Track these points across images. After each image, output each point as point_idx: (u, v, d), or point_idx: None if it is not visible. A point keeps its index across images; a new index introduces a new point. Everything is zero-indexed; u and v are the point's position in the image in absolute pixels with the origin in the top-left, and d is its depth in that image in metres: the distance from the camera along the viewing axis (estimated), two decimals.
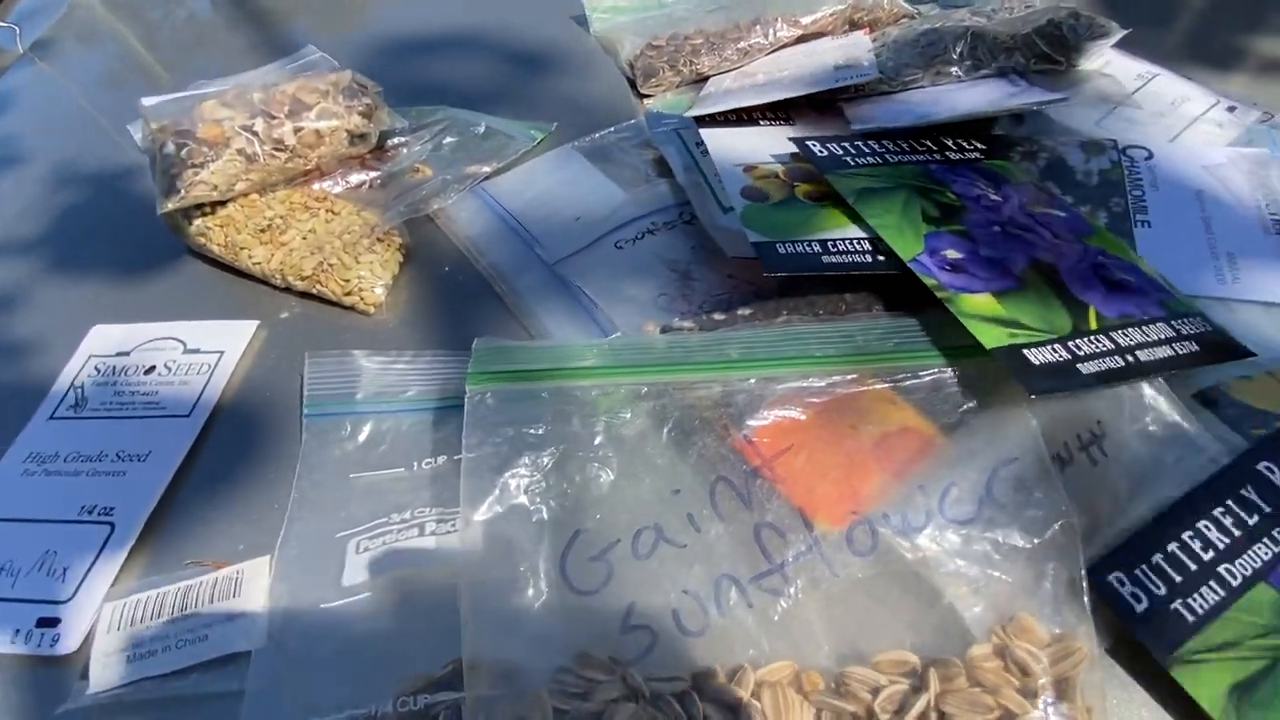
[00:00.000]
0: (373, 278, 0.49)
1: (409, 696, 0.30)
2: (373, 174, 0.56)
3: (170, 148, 0.52)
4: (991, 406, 0.34)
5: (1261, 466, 0.32)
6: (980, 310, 0.36)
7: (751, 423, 0.34)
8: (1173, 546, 0.31)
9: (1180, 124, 0.51)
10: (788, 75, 0.54)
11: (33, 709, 0.34)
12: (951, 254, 0.39)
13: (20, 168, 0.67)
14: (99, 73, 0.80)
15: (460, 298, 0.49)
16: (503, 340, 0.39)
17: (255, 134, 0.52)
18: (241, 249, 0.51)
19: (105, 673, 0.34)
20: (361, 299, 0.48)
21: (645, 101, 0.62)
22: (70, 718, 0.33)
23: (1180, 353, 0.36)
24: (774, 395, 0.35)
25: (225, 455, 0.43)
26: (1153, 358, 0.35)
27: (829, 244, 0.39)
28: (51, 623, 0.36)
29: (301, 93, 0.55)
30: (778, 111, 0.53)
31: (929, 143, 0.48)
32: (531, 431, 0.34)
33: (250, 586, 0.36)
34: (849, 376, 0.35)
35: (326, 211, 0.53)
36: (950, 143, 0.48)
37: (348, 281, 0.48)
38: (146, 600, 0.36)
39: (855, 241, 0.40)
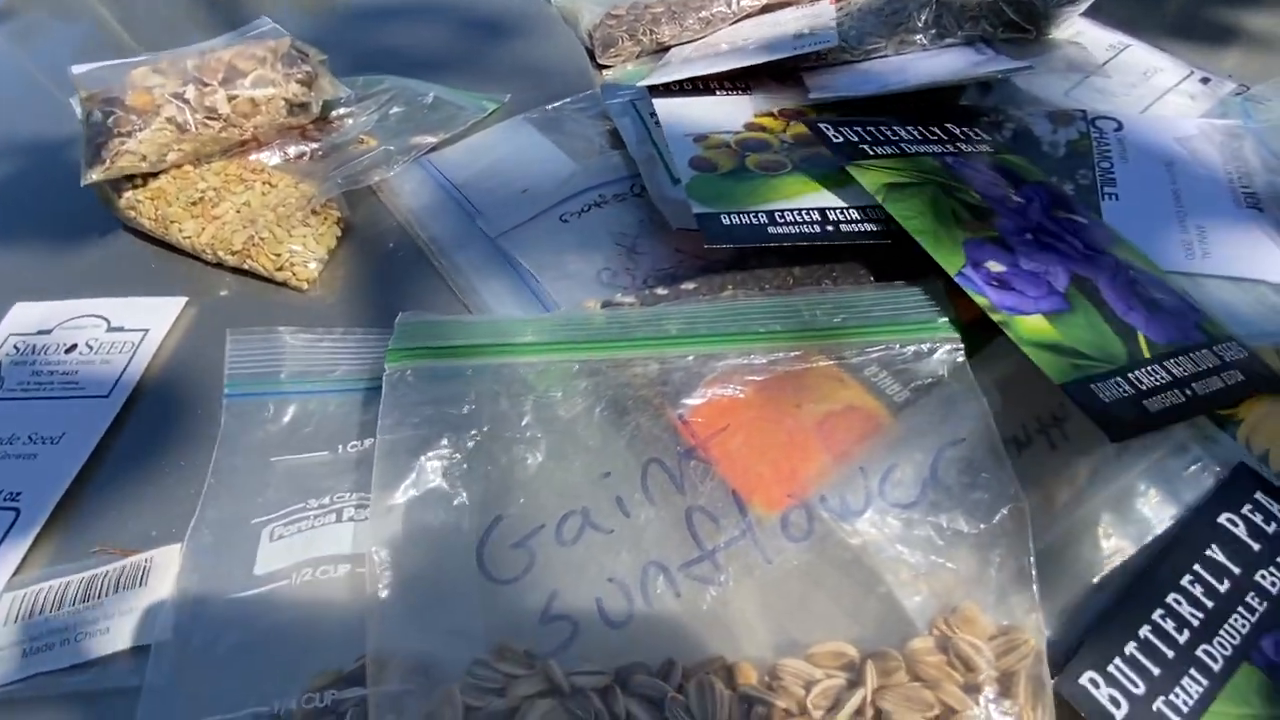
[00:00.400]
0: (306, 252, 0.46)
1: (315, 693, 0.28)
2: (314, 145, 0.54)
3: (98, 116, 0.50)
4: (941, 385, 0.32)
5: (1223, 519, 0.30)
6: (1037, 335, 0.33)
7: (688, 401, 0.32)
8: (1145, 631, 0.28)
9: (1152, 95, 0.49)
10: (747, 44, 0.51)
11: None
12: (994, 266, 0.36)
13: None
14: (69, 49, 0.77)
15: (400, 273, 0.47)
16: (429, 315, 0.36)
17: (186, 102, 0.50)
18: (172, 223, 0.48)
19: (1, 667, 0.32)
20: (294, 274, 0.46)
21: (604, 72, 0.60)
22: None
23: (1229, 384, 0.33)
24: (713, 373, 0.33)
25: (144, 437, 0.40)
26: (1207, 390, 0.32)
27: (776, 215, 0.37)
28: None
29: (238, 60, 0.53)
30: (736, 81, 0.50)
31: (938, 130, 0.44)
32: (453, 411, 0.32)
33: (158, 576, 0.34)
34: (793, 353, 0.33)
35: (263, 184, 0.51)
36: (958, 130, 0.45)
37: (279, 256, 0.46)
38: (48, 590, 0.34)
39: (803, 212, 0.38)
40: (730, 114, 0.47)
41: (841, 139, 0.41)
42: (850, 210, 0.38)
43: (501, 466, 0.31)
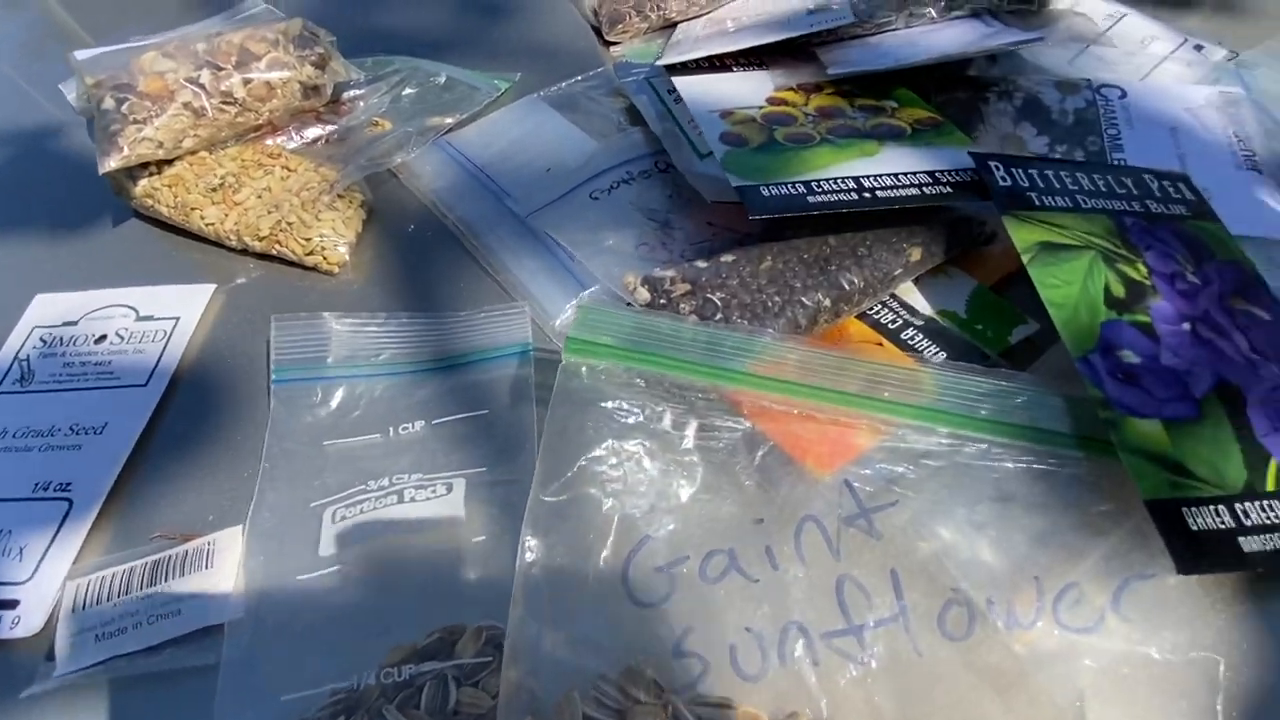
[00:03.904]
0: (335, 236, 0.46)
1: (393, 668, 0.29)
2: (329, 128, 0.54)
3: (109, 103, 0.49)
4: (1121, 506, 0.30)
5: None
6: (1145, 443, 0.31)
7: (858, 468, 0.31)
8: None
9: (1150, 63, 0.51)
10: (759, 20, 0.52)
11: None
12: (1128, 356, 0.33)
13: None
14: (17, 39, 0.75)
15: (428, 255, 0.47)
16: (606, 305, 0.36)
17: (201, 87, 0.49)
18: (193, 210, 0.48)
19: (73, 653, 0.32)
20: (324, 259, 0.46)
21: (612, 49, 0.60)
22: (37, 700, 0.31)
23: None
24: (893, 444, 0.32)
25: (188, 425, 0.41)
26: None
27: (813, 184, 0.38)
28: (10, 605, 0.34)
29: (249, 42, 0.52)
30: (751, 57, 0.51)
31: (1130, 182, 0.40)
32: (620, 419, 0.32)
33: (222, 558, 0.34)
34: (983, 444, 0.32)
35: (281, 168, 0.50)
36: (1155, 186, 0.41)
37: (309, 241, 0.46)
38: (112, 577, 0.34)
39: (840, 180, 0.39)
40: (751, 90, 0.47)
41: (1009, 183, 0.38)
42: (884, 177, 0.39)
43: (657, 486, 0.31)
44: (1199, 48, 0.53)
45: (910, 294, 0.40)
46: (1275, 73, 0.52)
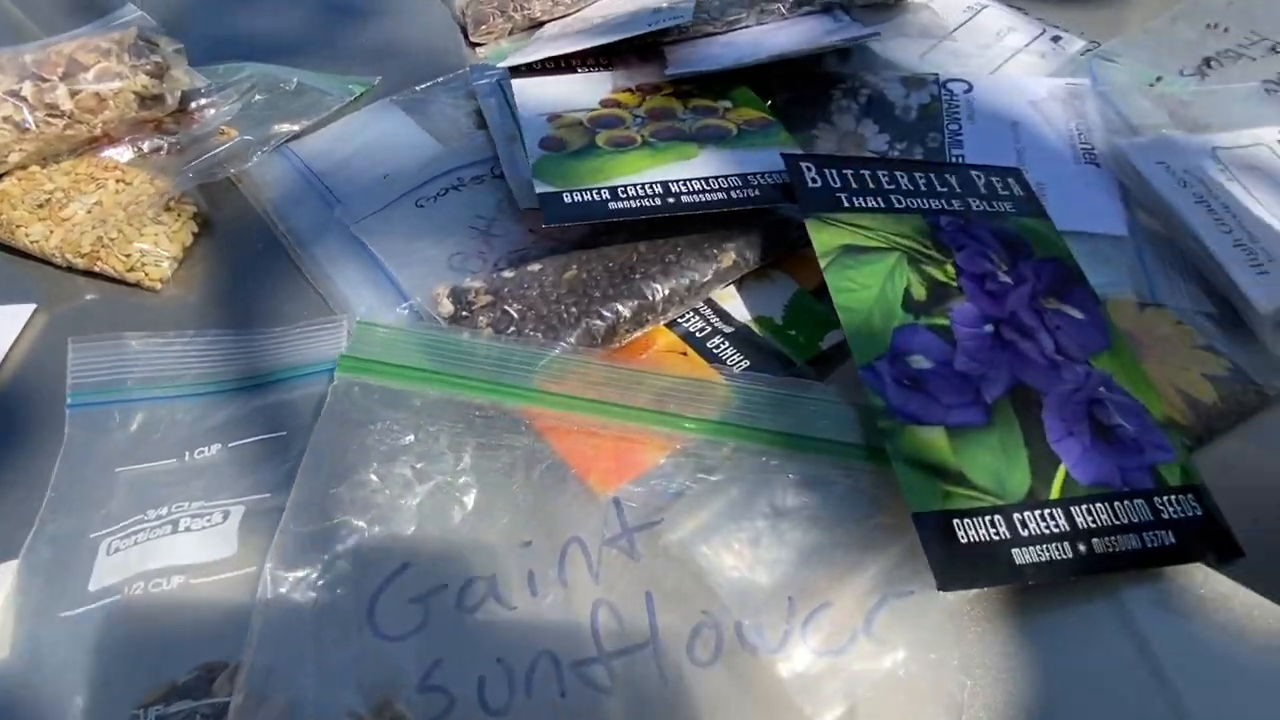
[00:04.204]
0: (158, 251, 0.45)
1: (141, 710, 0.28)
2: (170, 139, 0.52)
3: None
4: (901, 520, 0.29)
5: None
6: (923, 452, 0.30)
7: (630, 485, 0.30)
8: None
9: (1003, 55, 0.50)
10: (608, 21, 0.51)
11: None
12: (919, 361, 0.32)
13: None
14: None
15: (258, 268, 0.46)
16: (384, 323, 0.35)
17: (24, 99, 0.48)
18: (17, 227, 0.46)
19: None
20: (146, 275, 0.45)
21: (477, 50, 0.59)
22: None
23: (1150, 546, 0.30)
24: (677, 460, 0.31)
25: None
26: (1110, 549, 0.29)
27: (618, 190, 0.37)
28: None
29: (80, 53, 0.50)
30: (599, 58, 0.50)
31: (954, 180, 0.39)
32: (390, 441, 0.31)
33: None
34: (761, 459, 0.31)
35: (117, 182, 0.49)
36: (982, 183, 0.40)
37: (129, 257, 0.45)
38: None
39: (646, 186, 0.38)
40: (589, 91, 0.46)
41: (819, 184, 0.37)
42: (694, 182, 0.38)
43: (424, 511, 0.30)
44: (1056, 39, 0.52)
45: (729, 300, 0.39)
46: (1131, 63, 0.51)
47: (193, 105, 0.55)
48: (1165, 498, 0.31)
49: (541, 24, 0.59)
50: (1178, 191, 0.42)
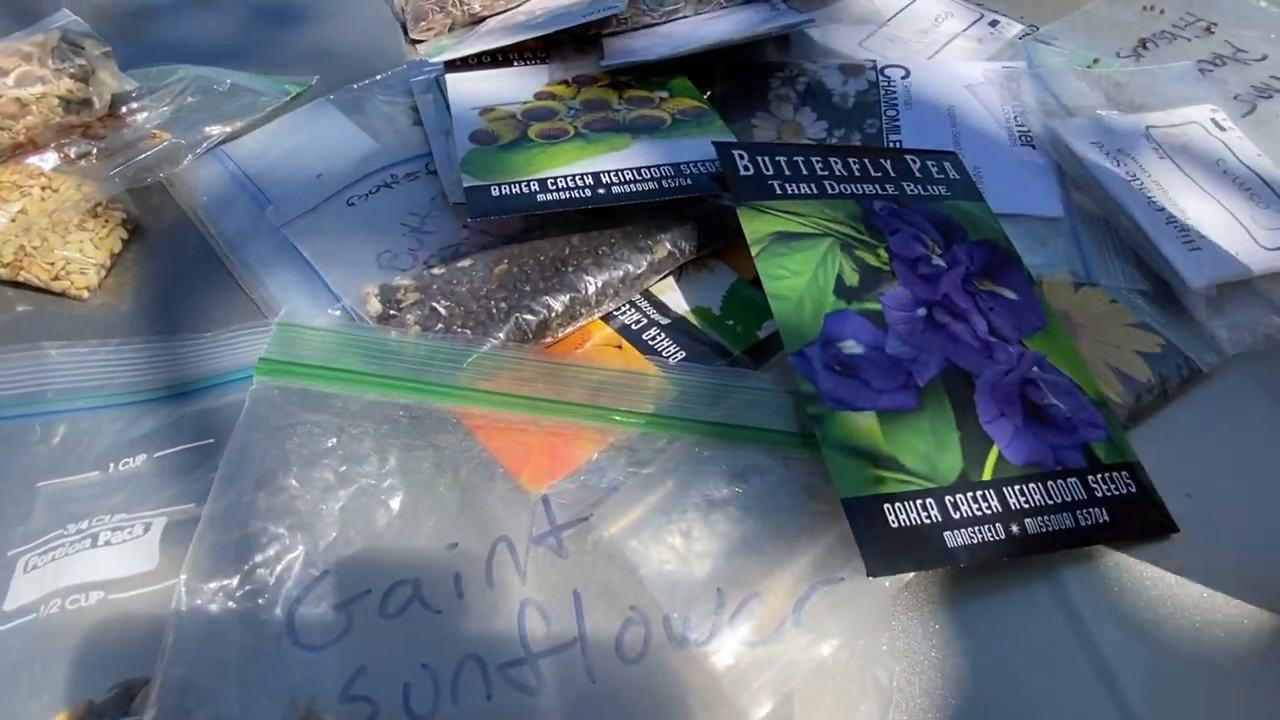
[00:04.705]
0: (83, 258, 0.44)
1: None
2: (99, 144, 0.50)
3: None
4: (837, 507, 0.28)
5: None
6: (853, 437, 0.30)
7: (560, 482, 0.30)
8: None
9: (940, 41, 0.50)
10: (545, 13, 0.50)
11: None
12: (849, 347, 0.32)
13: None
14: None
15: (189, 273, 0.44)
16: (305, 323, 0.34)
17: None
18: None
19: None
20: (72, 284, 0.43)
21: (418, 47, 0.58)
22: None
23: (1084, 524, 0.30)
24: (611, 454, 0.31)
25: None
26: (1044, 529, 0.29)
27: (547, 182, 0.37)
28: None
29: None
30: (536, 51, 0.49)
31: (888, 164, 0.39)
32: (311, 445, 0.30)
33: None
34: (695, 449, 0.31)
35: (42, 189, 0.47)
36: (917, 167, 0.40)
37: (53, 265, 0.43)
38: None
39: (576, 177, 0.37)
40: (523, 84, 0.46)
41: (751, 171, 0.37)
42: (625, 172, 0.38)
43: (346, 515, 0.29)
44: (994, 23, 0.52)
45: (667, 292, 0.39)
46: (1069, 45, 0.52)
47: (123, 109, 0.53)
48: (1098, 475, 0.31)
49: (482, 19, 0.58)
50: (1111, 171, 0.42)
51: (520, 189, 0.36)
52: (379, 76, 0.55)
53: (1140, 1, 0.56)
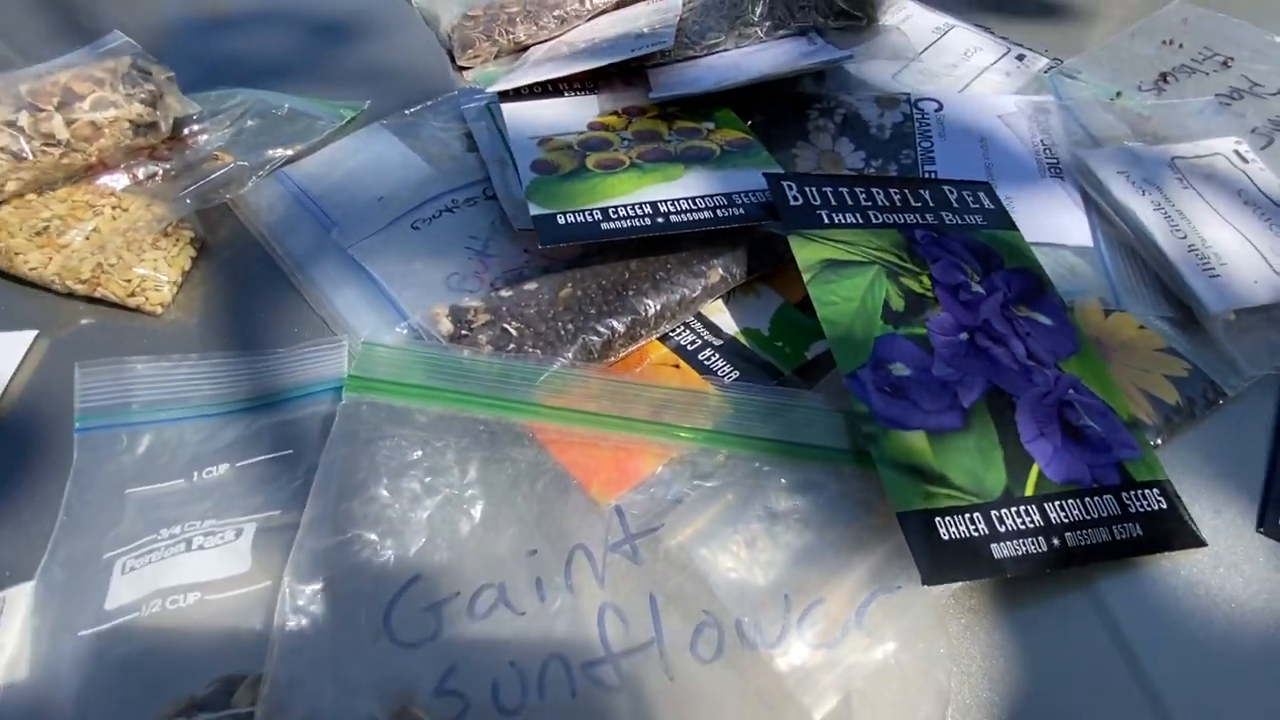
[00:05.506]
0: (157, 276, 0.46)
1: None
2: (165, 165, 0.53)
3: None
4: (889, 521, 0.31)
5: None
6: (905, 455, 0.32)
7: (631, 493, 0.32)
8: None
9: (970, 74, 0.52)
10: (592, 45, 0.53)
11: None
12: (898, 369, 0.34)
13: None
14: None
15: (258, 291, 0.47)
16: (388, 342, 0.36)
17: (20, 129, 0.48)
18: (16, 254, 0.47)
19: None
20: (147, 299, 0.46)
21: (464, 74, 0.61)
22: None
23: (1119, 538, 0.32)
24: (674, 468, 0.33)
25: None
26: (1082, 543, 0.31)
27: (609, 211, 0.39)
28: None
29: (74, 82, 0.51)
30: (585, 82, 0.52)
31: (927, 194, 0.42)
32: (400, 456, 0.32)
33: (11, 615, 0.34)
34: (750, 462, 0.33)
35: (113, 209, 0.50)
36: (954, 196, 0.42)
37: (130, 282, 0.45)
38: None
39: (636, 206, 0.39)
40: (576, 115, 0.48)
41: (800, 202, 0.39)
42: (681, 201, 0.40)
43: (433, 523, 0.31)
44: (1021, 57, 0.54)
45: (718, 314, 0.41)
46: (1093, 78, 0.54)
47: (185, 131, 0.55)
48: (1132, 493, 0.33)
49: (526, 48, 0.60)
50: (1136, 199, 0.44)
51: (585, 217, 0.39)
52: (429, 103, 0.57)
53: (1159, 36, 0.59)
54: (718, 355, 0.38)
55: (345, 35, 0.68)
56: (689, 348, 0.39)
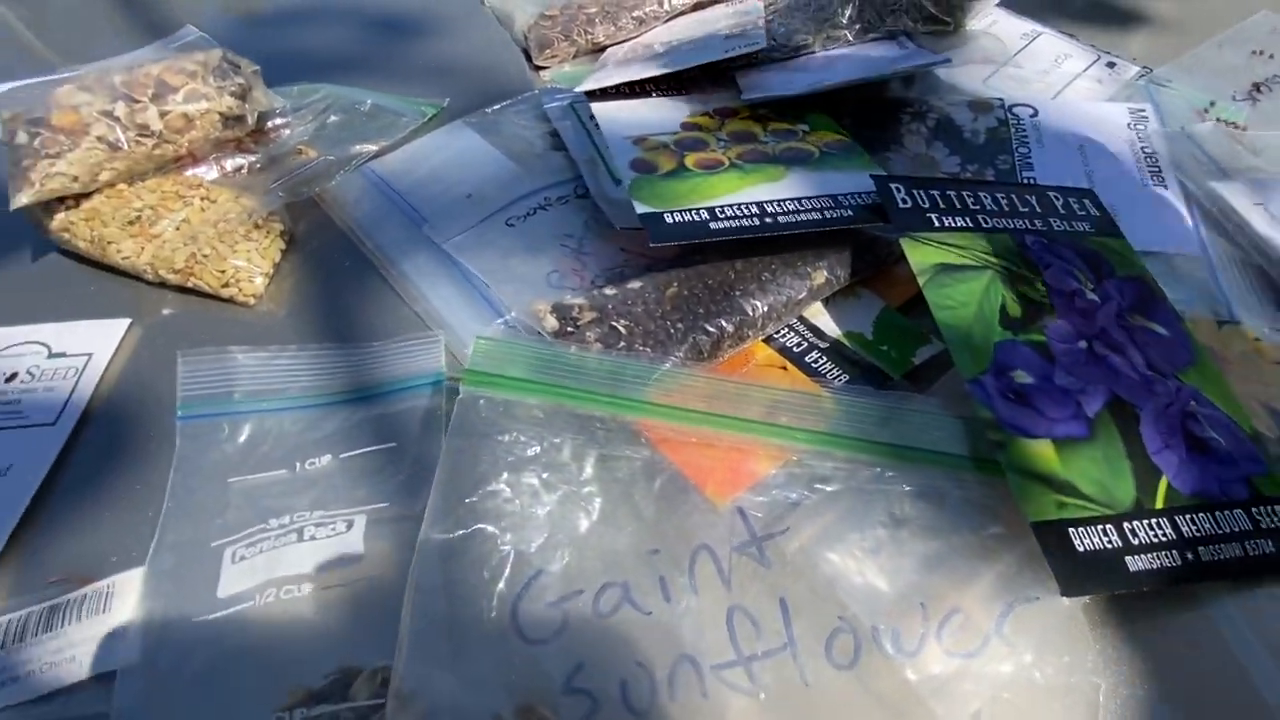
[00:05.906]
0: (251, 267, 0.46)
1: (285, 711, 0.29)
2: (251, 158, 0.53)
3: (23, 137, 0.48)
4: (1014, 529, 0.30)
5: None
6: (1034, 464, 0.31)
7: (753, 495, 0.32)
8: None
9: (1062, 81, 0.52)
10: (679, 46, 0.53)
11: None
12: (1021, 376, 0.33)
13: None
14: None
15: (348, 284, 0.47)
16: (507, 337, 0.36)
17: (116, 119, 0.49)
18: (109, 243, 0.48)
19: None
20: (240, 290, 0.46)
21: (541, 73, 0.61)
22: None
23: (1251, 554, 0.31)
24: (790, 470, 0.32)
25: (96, 464, 0.40)
26: (1216, 558, 0.30)
27: (716, 211, 0.39)
28: None
29: (167, 74, 0.52)
30: (670, 82, 0.52)
31: (1034, 200, 0.41)
32: (518, 452, 0.32)
33: (121, 601, 0.34)
34: (870, 468, 0.32)
35: (201, 200, 0.50)
36: (1060, 203, 0.41)
37: (223, 273, 0.46)
38: (8, 624, 0.34)
39: (742, 206, 0.39)
40: (667, 115, 0.48)
41: (909, 204, 0.39)
42: (786, 202, 0.39)
43: (553, 519, 0.31)
44: (1111, 65, 0.54)
45: (819, 316, 0.40)
46: (1184, 87, 0.53)
47: (268, 125, 0.56)
48: (1261, 508, 0.33)
49: (604, 48, 0.60)
50: (1250, 207, 0.43)
51: (693, 216, 0.38)
52: (509, 101, 0.57)
53: (1249, 46, 0.58)
54: (824, 358, 0.38)
55: (417, 33, 0.69)
56: (795, 349, 0.38)
